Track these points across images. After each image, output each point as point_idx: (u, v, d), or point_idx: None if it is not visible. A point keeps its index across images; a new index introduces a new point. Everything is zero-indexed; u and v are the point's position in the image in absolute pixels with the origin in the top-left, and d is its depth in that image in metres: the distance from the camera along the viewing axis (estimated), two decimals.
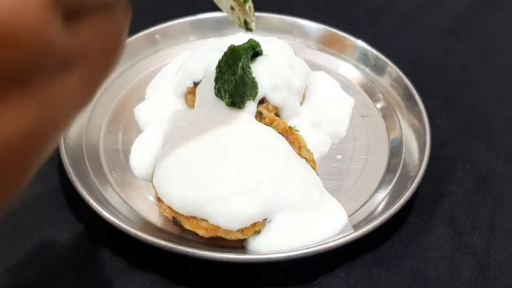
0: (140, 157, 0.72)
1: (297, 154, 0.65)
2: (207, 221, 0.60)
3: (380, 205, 0.67)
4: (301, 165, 0.64)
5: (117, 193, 0.68)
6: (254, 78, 0.72)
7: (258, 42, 0.74)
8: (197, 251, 0.58)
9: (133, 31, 0.89)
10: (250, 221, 0.60)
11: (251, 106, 0.68)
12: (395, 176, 0.70)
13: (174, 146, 0.65)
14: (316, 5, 1.10)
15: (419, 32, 1.04)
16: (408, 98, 0.80)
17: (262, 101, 0.73)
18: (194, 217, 0.60)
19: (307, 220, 0.61)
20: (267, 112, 0.70)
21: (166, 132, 0.72)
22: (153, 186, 0.64)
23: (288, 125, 0.70)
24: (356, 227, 0.63)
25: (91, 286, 0.59)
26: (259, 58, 0.76)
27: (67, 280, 0.59)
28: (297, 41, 0.93)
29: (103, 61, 0.32)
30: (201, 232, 0.61)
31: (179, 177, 0.61)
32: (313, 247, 0.59)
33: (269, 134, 0.65)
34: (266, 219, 0.61)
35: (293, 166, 0.63)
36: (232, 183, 0.59)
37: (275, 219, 0.61)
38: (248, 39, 0.76)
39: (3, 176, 0.28)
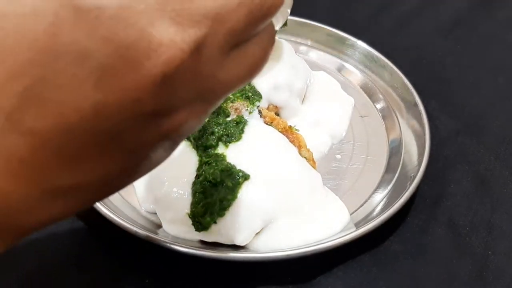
0: None
1: (299, 156, 0.65)
2: None
3: (379, 205, 0.67)
4: (307, 169, 0.64)
5: None
6: (254, 86, 0.72)
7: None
8: (196, 250, 0.57)
9: None
10: (254, 232, 0.59)
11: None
12: (394, 176, 0.70)
13: None
14: (316, 5, 1.10)
15: (419, 33, 1.04)
16: (407, 98, 0.80)
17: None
18: None
19: (308, 219, 0.61)
20: (267, 111, 0.70)
21: None
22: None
23: (288, 124, 0.70)
24: (355, 227, 0.63)
25: (89, 283, 0.59)
26: None
27: (66, 278, 0.59)
28: (297, 41, 0.93)
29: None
30: None
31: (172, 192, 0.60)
32: (312, 246, 0.58)
33: (274, 136, 0.64)
34: None
35: (302, 172, 0.63)
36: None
37: (275, 219, 0.60)
38: None
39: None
